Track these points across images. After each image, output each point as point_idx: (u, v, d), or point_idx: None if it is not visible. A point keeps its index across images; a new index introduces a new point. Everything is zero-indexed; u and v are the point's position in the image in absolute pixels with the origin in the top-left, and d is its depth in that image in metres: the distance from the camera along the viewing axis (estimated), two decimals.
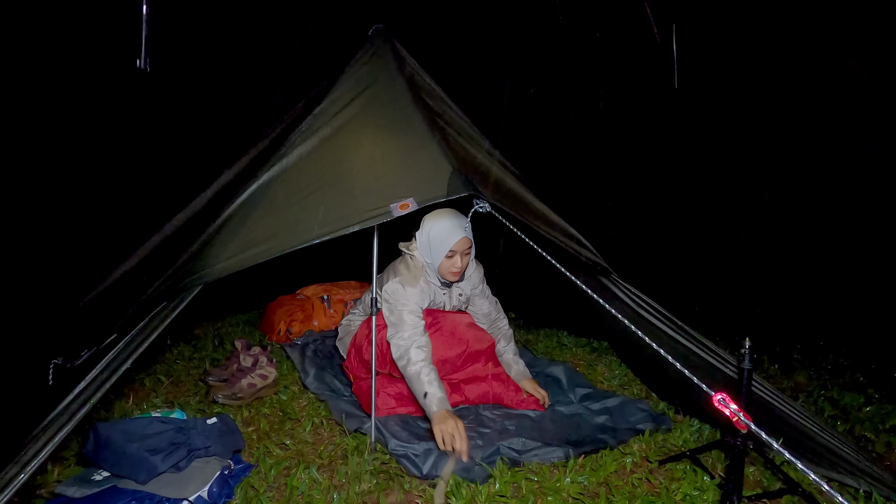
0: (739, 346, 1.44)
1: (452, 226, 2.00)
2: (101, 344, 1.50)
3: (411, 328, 1.95)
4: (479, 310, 2.33)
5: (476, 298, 2.32)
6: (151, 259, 1.92)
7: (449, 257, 2.02)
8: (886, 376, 2.68)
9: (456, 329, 2.13)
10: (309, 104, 2.02)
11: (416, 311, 2.01)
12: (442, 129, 1.92)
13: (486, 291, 2.34)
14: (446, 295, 2.21)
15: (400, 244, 2.17)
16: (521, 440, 1.83)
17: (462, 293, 2.25)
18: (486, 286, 2.35)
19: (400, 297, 2.01)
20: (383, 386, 2.06)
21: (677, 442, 1.90)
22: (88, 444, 1.52)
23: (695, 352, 1.85)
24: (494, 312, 2.36)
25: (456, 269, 2.04)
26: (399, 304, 2.00)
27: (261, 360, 2.37)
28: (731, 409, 1.08)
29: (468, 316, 2.27)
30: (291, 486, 1.59)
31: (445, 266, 2.04)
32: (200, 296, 1.53)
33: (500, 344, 2.31)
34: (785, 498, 1.58)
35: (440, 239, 2.00)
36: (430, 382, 1.82)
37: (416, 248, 2.10)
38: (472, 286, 2.29)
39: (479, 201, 1.72)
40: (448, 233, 1.99)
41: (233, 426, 1.79)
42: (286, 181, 1.71)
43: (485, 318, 2.35)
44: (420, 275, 2.08)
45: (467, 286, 2.27)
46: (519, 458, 1.75)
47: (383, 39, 2.13)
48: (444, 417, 1.72)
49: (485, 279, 2.34)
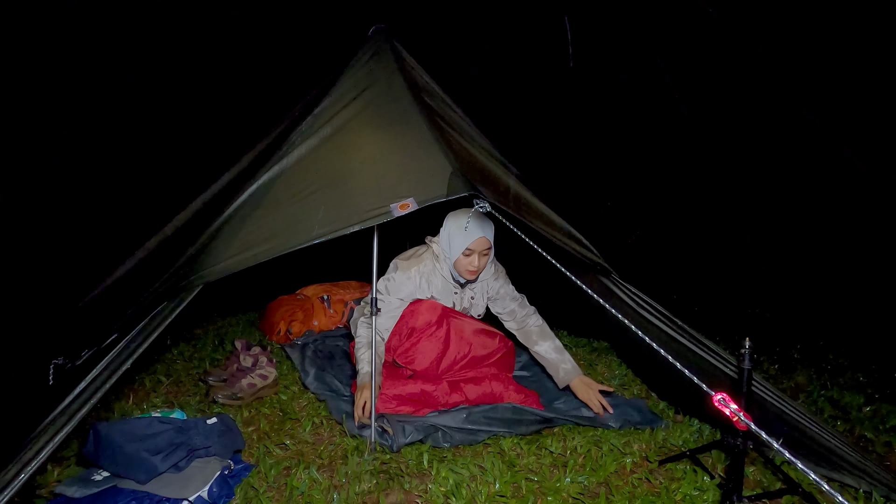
0: (739, 346, 1.44)
1: (474, 225, 2.06)
2: (102, 344, 1.50)
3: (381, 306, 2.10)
4: (505, 309, 2.33)
5: (500, 300, 2.32)
6: (152, 259, 1.92)
7: (466, 255, 2.07)
8: (886, 376, 2.68)
9: (463, 333, 2.17)
10: (309, 104, 2.02)
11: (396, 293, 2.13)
12: (442, 129, 1.92)
13: (510, 292, 2.32)
14: (458, 294, 2.23)
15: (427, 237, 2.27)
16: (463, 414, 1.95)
17: (474, 297, 2.27)
18: (510, 285, 2.34)
19: (389, 274, 2.17)
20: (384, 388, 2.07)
21: (677, 442, 1.90)
22: (88, 444, 1.52)
23: (695, 352, 1.84)
24: (521, 310, 2.32)
25: (473, 267, 2.08)
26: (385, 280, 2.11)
27: (261, 360, 2.37)
28: (731, 409, 1.08)
29: (479, 323, 2.28)
30: (291, 486, 1.59)
31: (462, 263, 2.09)
32: (200, 296, 1.53)
33: (536, 345, 2.26)
34: (785, 498, 1.58)
35: (459, 235, 2.07)
36: (361, 360, 2.05)
37: (437, 241, 2.18)
38: (488, 293, 2.29)
39: (479, 201, 1.72)
40: (468, 230, 2.06)
41: (233, 426, 1.79)
42: (286, 181, 1.71)
43: (510, 317, 2.33)
44: (418, 263, 2.17)
45: (481, 294, 2.28)
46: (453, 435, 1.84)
47: (383, 39, 2.13)
48: (361, 389, 1.95)
49: (507, 279, 2.34)
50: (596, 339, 3.01)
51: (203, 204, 2.04)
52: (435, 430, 1.86)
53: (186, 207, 2.04)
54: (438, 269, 2.18)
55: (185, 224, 1.99)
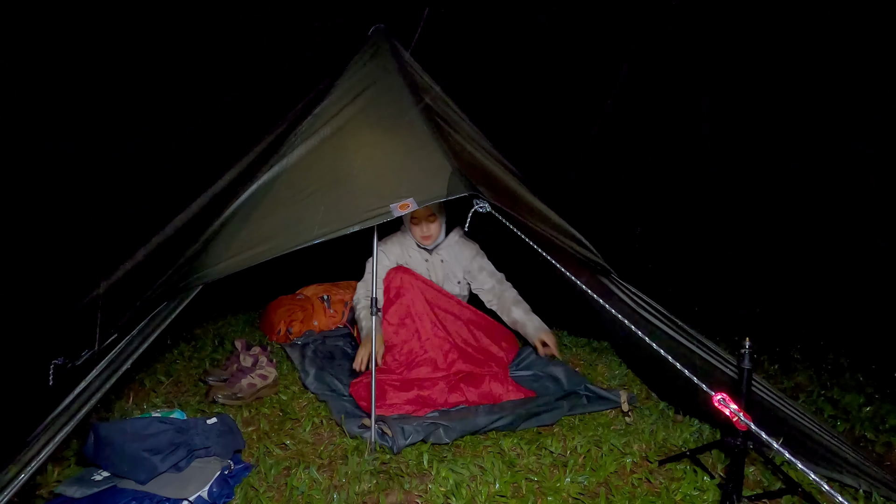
0: (739, 346, 1.44)
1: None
2: (102, 344, 1.50)
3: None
4: (483, 286, 2.53)
5: (478, 274, 2.53)
6: (152, 259, 1.92)
7: (415, 224, 2.41)
8: (886, 376, 2.68)
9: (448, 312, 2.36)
10: (309, 104, 2.02)
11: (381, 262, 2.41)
12: (442, 129, 1.92)
13: (486, 267, 2.55)
14: (429, 262, 2.51)
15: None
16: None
17: (444, 261, 2.52)
18: (488, 262, 2.57)
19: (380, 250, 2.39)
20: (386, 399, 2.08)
21: (677, 442, 1.90)
22: (88, 444, 1.52)
23: (695, 352, 1.84)
24: (498, 286, 2.52)
25: (423, 234, 2.41)
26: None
27: (261, 360, 2.37)
28: (731, 409, 1.08)
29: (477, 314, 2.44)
30: (291, 486, 1.59)
31: (416, 232, 2.43)
32: (200, 296, 1.53)
33: (512, 312, 2.43)
34: (785, 498, 1.58)
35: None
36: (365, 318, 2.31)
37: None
38: (459, 258, 2.53)
39: (479, 201, 1.72)
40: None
41: (233, 426, 1.79)
42: (286, 181, 1.71)
43: (491, 294, 2.53)
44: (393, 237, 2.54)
45: (455, 263, 2.53)
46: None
47: (383, 39, 2.13)
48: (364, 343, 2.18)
49: (484, 256, 2.58)
50: (596, 339, 3.00)
51: (203, 204, 2.04)
52: (436, 428, 1.85)
53: (187, 207, 2.04)
54: (408, 240, 2.51)
55: (186, 224, 1.99)
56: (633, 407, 2.15)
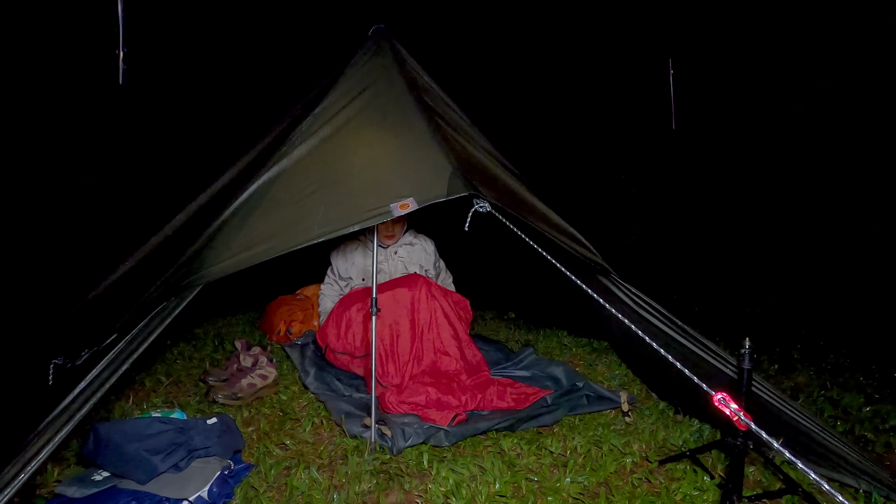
0: (739, 346, 1.44)
1: None
2: (102, 344, 1.50)
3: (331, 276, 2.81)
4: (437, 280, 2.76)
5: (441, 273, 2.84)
6: (152, 259, 1.92)
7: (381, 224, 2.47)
8: (886, 376, 2.68)
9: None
10: (309, 104, 2.02)
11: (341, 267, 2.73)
12: (442, 129, 1.91)
13: (440, 265, 2.86)
14: (386, 260, 2.68)
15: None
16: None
17: (402, 260, 2.69)
18: (441, 261, 2.87)
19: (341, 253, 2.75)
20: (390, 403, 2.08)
21: (677, 442, 1.90)
22: (88, 444, 1.52)
23: (695, 352, 1.84)
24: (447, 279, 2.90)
25: (388, 233, 2.62)
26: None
27: (261, 360, 2.37)
28: (731, 409, 1.08)
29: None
30: (291, 486, 1.59)
31: (380, 231, 2.50)
32: (200, 296, 1.53)
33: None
34: (785, 498, 1.58)
35: None
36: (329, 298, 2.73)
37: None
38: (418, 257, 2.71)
39: (479, 201, 1.72)
40: None
41: (233, 426, 1.79)
42: (286, 181, 1.71)
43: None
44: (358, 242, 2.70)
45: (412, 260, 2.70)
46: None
47: (383, 39, 2.13)
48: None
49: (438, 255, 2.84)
50: (596, 339, 3.00)
51: (203, 204, 2.04)
52: (436, 430, 1.85)
53: (186, 207, 2.04)
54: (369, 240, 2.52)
55: (186, 224, 1.99)
56: (633, 407, 2.15)
